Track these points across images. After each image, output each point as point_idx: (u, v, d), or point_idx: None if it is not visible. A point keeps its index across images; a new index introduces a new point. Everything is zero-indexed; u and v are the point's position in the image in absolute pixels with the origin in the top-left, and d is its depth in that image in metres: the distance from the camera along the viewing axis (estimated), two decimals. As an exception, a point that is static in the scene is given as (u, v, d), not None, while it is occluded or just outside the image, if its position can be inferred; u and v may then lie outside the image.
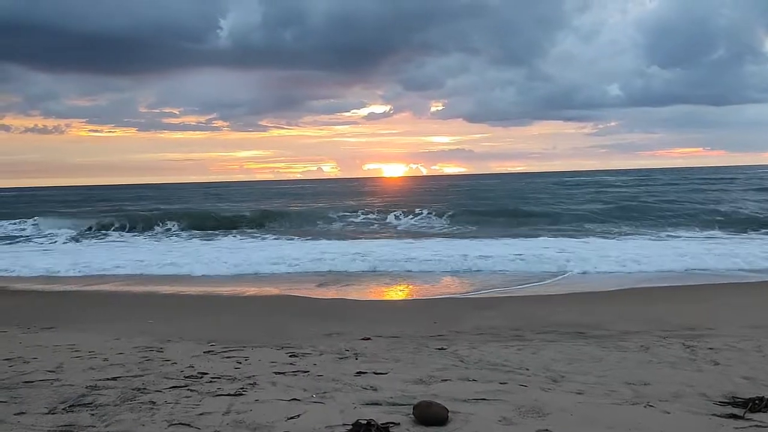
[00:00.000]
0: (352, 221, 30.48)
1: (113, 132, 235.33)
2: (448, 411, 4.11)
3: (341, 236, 23.70)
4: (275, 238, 23.16)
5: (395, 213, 31.45)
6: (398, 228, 28.17)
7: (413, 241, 21.29)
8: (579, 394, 4.82)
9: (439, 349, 6.78)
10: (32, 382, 5.27)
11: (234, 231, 26.12)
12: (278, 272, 14.81)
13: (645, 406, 4.47)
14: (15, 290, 13.34)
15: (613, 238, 20.83)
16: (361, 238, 22.71)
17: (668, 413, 4.32)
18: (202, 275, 14.81)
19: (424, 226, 28.06)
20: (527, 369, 5.72)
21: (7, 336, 7.83)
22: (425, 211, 31.08)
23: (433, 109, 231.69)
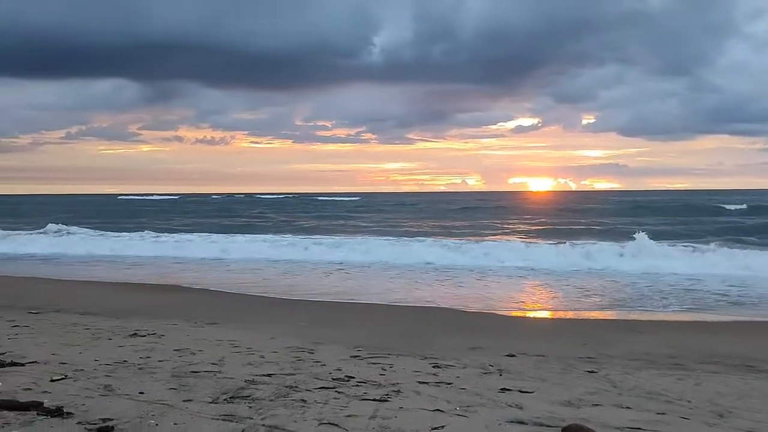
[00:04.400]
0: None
1: (271, 143, 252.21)
2: (599, 437, 3.90)
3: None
4: None
5: None
6: None
7: None
8: (750, 433, 4.38)
9: (588, 371, 6.47)
10: (198, 372, 5.73)
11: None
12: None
13: (832, 454, 3.96)
14: (185, 287, 14.59)
15: None
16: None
17: None
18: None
19: None
20: (689, 401, 5.29)
21: (177, 329, 8.59)
22: None
23: (584, 122, 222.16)
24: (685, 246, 20.73)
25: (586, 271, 17.25)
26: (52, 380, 5.15)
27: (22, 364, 5.73)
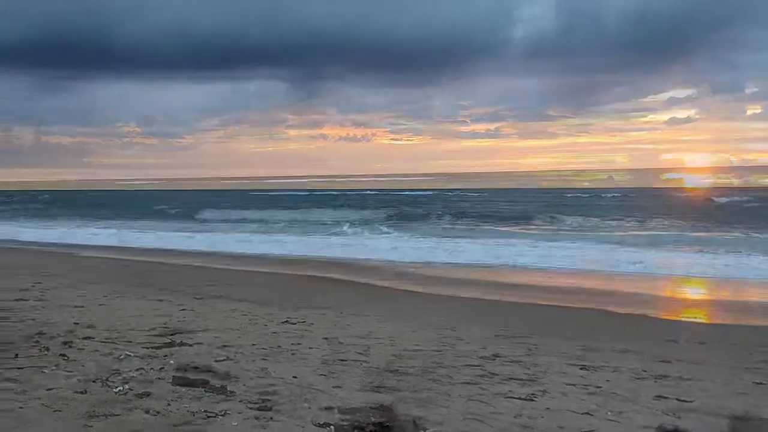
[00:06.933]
0: None
1: (411, 140, 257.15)
2: (772, 455, 3.56)
3: None
4: None
5: None
6: None
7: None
8: None
9: (756, 383, 5.92)
10: (345, 360, 5.96)
11: None
12: None
13: None
14: (334, 278, 15.19)
15: None
16: None
17: None
18: None
19: None
20: None
21: (325, 318, 8.97)
22: None
23: (749, 112, 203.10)
24: None
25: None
26: (216, 361, 5.59)
27: (190, 345, 6.28)
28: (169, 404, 4.21)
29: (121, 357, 5.55)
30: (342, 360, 5.96)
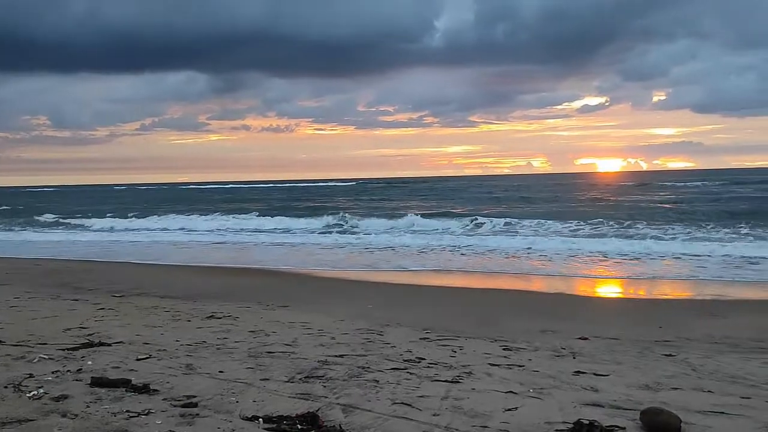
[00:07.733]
0: None
1: (334, 130, 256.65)
2: (680, 421, 3.80)
3: None
4: None
5: None
6: None
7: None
8: (844, 419, 4.15)
9: (666, 355, 6.29)
10: (273, 353, 5.89)
11: None
12: None
13: None
14: (257, 269, 14.98)
15: None
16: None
17: None
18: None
19: None
20: (776, 385, 5.06)
21: (250, 311, 8.84)
22: None
23: (655, 99, 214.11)
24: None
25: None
26: (138, 359, 5.41)
27: (110, 344, 6.04)
28: (87, 406, 4.04)
29: (35, 360, 5.28)
30: (269, 352, 5.90)
